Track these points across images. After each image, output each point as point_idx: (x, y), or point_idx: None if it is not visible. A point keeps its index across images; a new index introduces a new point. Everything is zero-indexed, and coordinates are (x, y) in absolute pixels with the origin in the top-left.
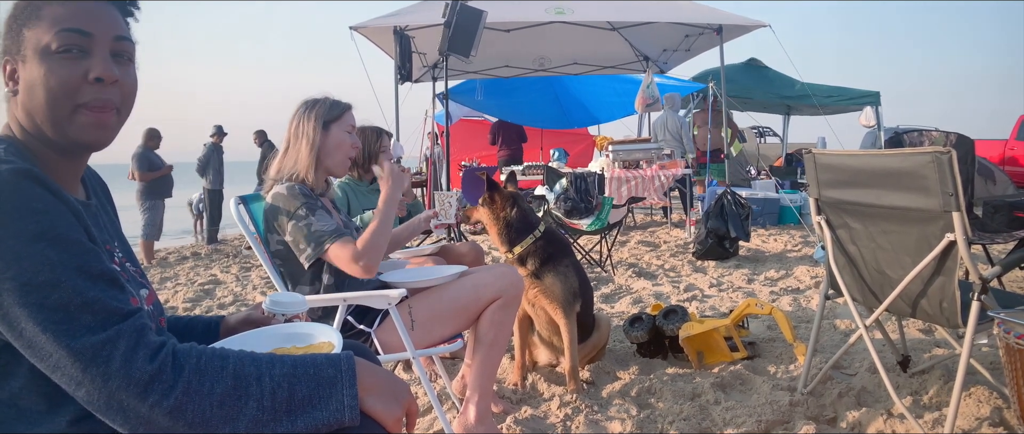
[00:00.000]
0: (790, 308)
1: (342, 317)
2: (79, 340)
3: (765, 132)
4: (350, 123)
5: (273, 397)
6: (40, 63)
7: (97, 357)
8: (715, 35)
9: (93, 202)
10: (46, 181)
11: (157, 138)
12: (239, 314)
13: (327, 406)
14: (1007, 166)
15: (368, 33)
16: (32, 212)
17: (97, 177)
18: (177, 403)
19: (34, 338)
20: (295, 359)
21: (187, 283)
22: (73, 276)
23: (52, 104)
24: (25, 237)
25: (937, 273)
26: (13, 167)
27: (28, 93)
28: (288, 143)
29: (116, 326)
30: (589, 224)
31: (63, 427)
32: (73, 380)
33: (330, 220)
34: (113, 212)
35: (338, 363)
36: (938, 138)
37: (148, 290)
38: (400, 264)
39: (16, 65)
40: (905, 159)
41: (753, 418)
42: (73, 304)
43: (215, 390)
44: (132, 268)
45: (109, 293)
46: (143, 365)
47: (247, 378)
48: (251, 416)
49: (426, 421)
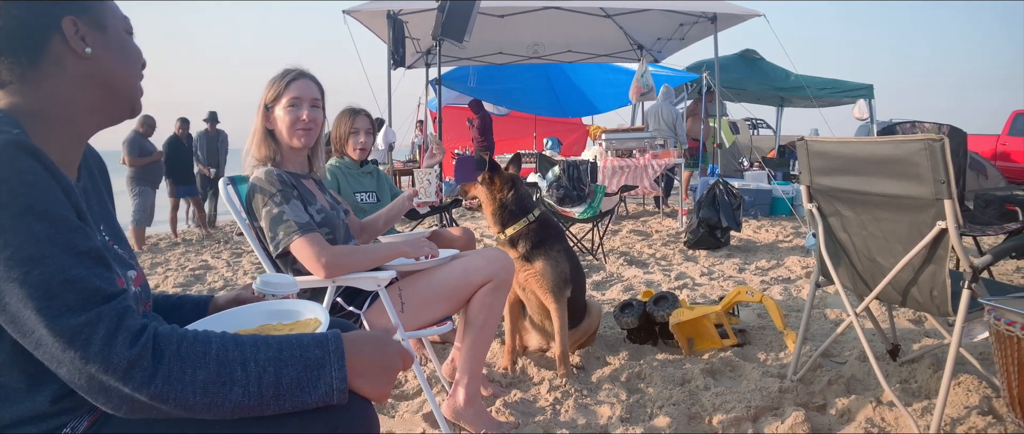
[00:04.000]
0: (780, 297)
1: (331, 298)
2: (60, 319)
3: (758, 124)
4: (294, 95)
5: (259, 382)
6: (125, 38)
7: (76, 338)
8: (710, 24)
9: (82, 183)
10: (40, 154)
11: (150, 124)
12: (229, 294)
13: (315, 389)
14: (999, 161)
15: (361, 17)
16: (22, 184)
17: (96, 156)
18: (158, 390)
19: (17, 313)
20: (281, 341)
21: (178, 268)
22: (58, 252)
23: (137, 73)
24: (13, 209)
25: (928, 261)
26: (7, 138)
27: (116, 56)
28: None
29: (98, 308)
30: (581, 212)
31: (44, 406)
32: (54, 358)
33: (302, 212)
34: (107, 192)
35: (326, 344)
36: (931, 129)
37: (136, 271)
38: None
39: (86, 27)
40: (898, 146)
41: (743, 404)
42: (56, 281)
43: (197, 377)
44: (120, 250)
45: (94, 271)
46: (122, 350)
47: (231, 363)
48: (236, 401)
49: (416, 403)
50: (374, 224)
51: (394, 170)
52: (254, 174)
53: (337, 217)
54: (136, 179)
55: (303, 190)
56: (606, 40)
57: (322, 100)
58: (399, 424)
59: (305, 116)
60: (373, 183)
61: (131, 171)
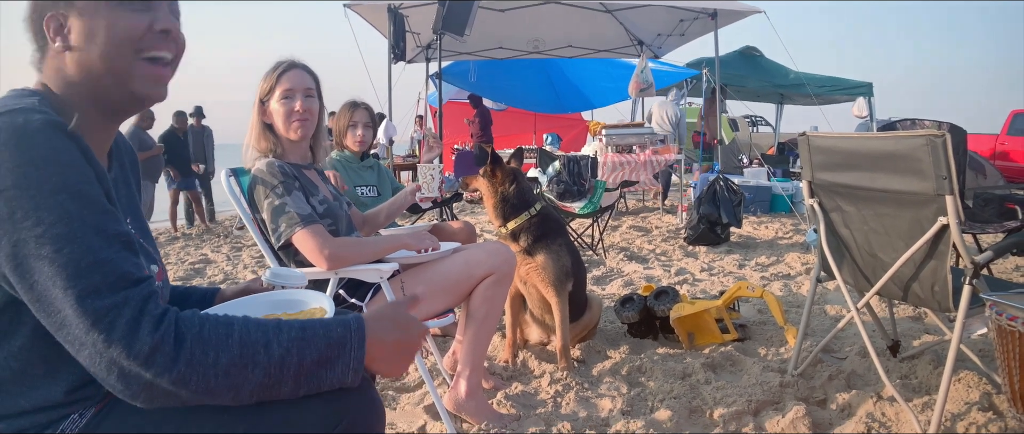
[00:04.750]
0: (781, 293)
1: (334, 290)
2: (86, 300)
3: (758, 121)
4: (287, 87)
5: (281, 363)
6: (106, 12)
7: (100, 321)
8: (710, 20)
9: (114, 174)
10: (76, 137)
11: (150, 118)
12: (237, 286)
13: (333, 370)
14: (998, 161)
15: (362, 11)
16: (58, 164)
17: (128, 147)
18: (180, 374)
19: (44, 291)
20: (303, 323)
21: (178, 262)
22: (89, 233)
23: (115, 53)
24: (48, 187)
25: (929, 257)
26: (46, 118)
27: (86, 44)
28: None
29: (124, 292)
30: (581, 207)
31: (60, 396)
32: (76, 340)
33: (304, 203)
34: (136, 185)
35: (348, 324)
36: (931, 127)
37: (158, 267)
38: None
39: (65, 18)
40: (899, 142)
41: (743, 398)
42: (86, 261)
43: (220, 360)
44: (145, 244)
45: (122, 255)
46: (145, 336)
47: (254, 345)
48: (256, 383)
49: (417, 395)
50: (376, 217)
51: (393, 165)
52: (256, 166)
53: (340, 208)
54: None
55: (305, 181)
56: (606, 35)
57: (317, 89)
58: (400, 416)
59: (298, 107)
60: (374, 177)
61: None
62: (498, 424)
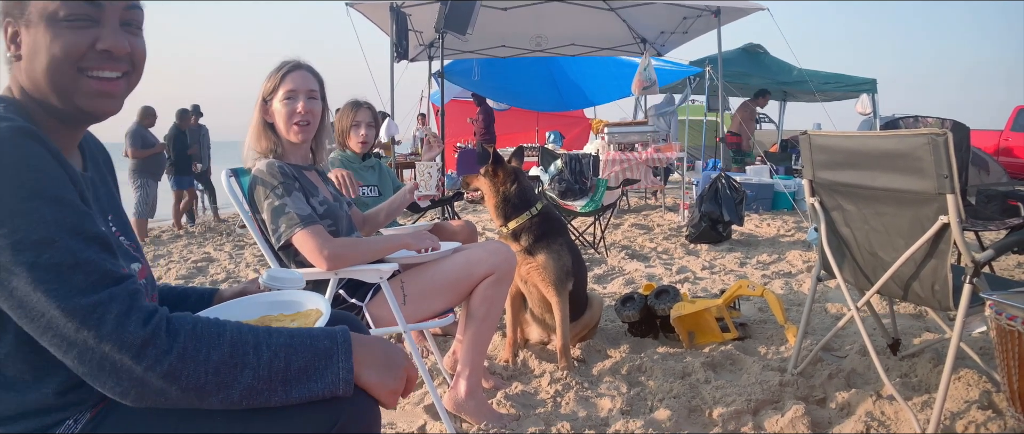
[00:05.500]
0: (782, 291)
1: (334, 290)
2: (72, 300)
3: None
4: (290, 87)
5: (269, 367)
6: (46, 29)
7: (89, 318)
8: (713, 18)
9: (89, 174)
10: (45, 141)
11: (152, 116)
12: (234, 288)
13: (322, 378)
14: (1002, 157)
15: (364, 9)
16: (30, 169)
17: (99, 146)
18: (172, 367)
19: (25, 297)
20: (292, 331)
21: (180, 260)
22: (67, 236)
23: (55, 71)
24: (21, 194)
25: (930, 256)
26: (13, 125)
27: (31, 58)
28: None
29: (109, 289)
30: (583, 205)
31: (50, 398)
32: (64, 341)
33: (304, 204)
34: (113, 184)
35: (334, 336)
36: (934, 124)
37: (141, 264)
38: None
39: (18, 28)
40: (901, 141)
41: (743, 397)
42: (66, 264)
43: (211, 357)
44: (126, 242)
45: (102, 256)
46: (136, 329)
47: (244, 346)
48: (246, 384)
49: (417, 396)
50: (376, 217)
51: (396, 162)
52: (256, 166)
53: (340, 209)
54: (138, 171)
55: (305, 182)
56: (609, 33)
57: (321, 91)
58: (400, 416)
59: (301, 108)
60: (375, 177)
61: (133, 163)
62: (498, 424)
